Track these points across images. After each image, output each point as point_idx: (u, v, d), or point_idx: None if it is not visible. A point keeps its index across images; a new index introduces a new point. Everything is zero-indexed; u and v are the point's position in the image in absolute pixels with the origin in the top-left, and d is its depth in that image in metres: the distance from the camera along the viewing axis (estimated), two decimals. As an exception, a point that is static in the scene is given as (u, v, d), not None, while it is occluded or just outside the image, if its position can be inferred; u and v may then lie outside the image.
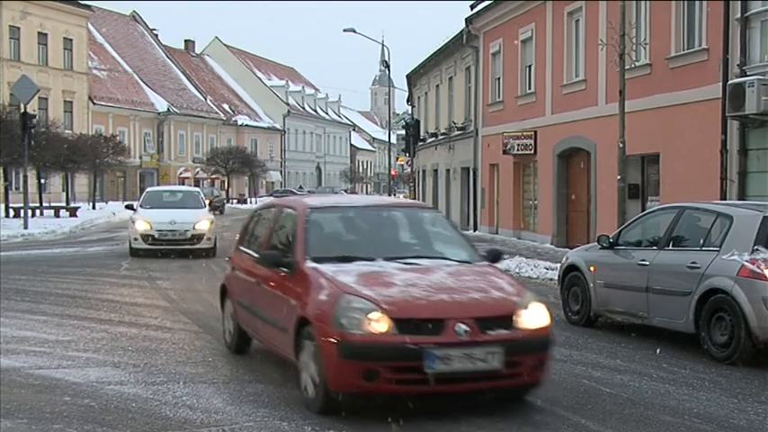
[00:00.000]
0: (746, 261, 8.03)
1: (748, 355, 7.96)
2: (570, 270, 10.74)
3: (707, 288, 8.34)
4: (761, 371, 7.79)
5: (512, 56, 25.57)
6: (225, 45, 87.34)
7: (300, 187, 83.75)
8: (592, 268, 10.28)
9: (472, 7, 28.96)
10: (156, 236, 18.45)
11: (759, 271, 7.89)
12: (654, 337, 9.21)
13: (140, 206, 19.65)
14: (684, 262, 8.77)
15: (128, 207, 21.40)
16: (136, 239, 18.64)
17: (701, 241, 8.95)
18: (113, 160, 45.38)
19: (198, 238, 18.71)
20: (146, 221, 18.61)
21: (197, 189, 24.67)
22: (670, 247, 9.27)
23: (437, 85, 36.04)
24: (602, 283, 10.03)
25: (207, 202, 21.19)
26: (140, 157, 61.41)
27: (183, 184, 66.86)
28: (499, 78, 26.95)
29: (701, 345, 8.42)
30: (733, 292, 8.02)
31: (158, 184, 56.93)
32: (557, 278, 11.70)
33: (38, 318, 9.96)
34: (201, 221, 18.95)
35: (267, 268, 7.05)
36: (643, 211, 18.51)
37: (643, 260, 9.39)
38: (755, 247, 8.09)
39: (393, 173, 65.53)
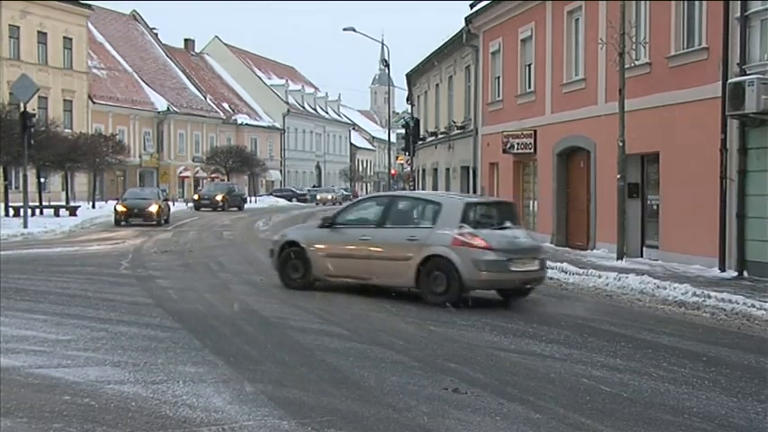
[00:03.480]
0: (457, 234, 11.38)
1: (458, 298, 11.24)
2: (289, 246, 13.05)
3: (428, 254, 11.48)
4: (759, 371, 7.80)
5: (511, 55, 25.56)
6: (225, 44, 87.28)
7: (332, 187, 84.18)
8: (315, 243, 12.72)
9: (472, 6, 28.96)
10: None
11: (466, 240, 11.32)
12: (652, 337, 9.21)
13: None
14: (404, 236, 11.91)
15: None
16: None
17: (417, 221, 12.23)
18: (113, 159, 45.34)
19: None
20: None
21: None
22: (388, 226, 12.24)
23: (437, 85, 36.04)
24: (324, 255, 12.62)
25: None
26: (140, 157, 61.42)
27: (183, 183, 66.92)
28: (499, 77, 26.94)
29: (421, 296, 11.57)
30: (449, 255, 11.30)
31: (158, 184, 56.80)
32: (270, 252, 13.65)
33: (37, 317, 9.94)
34: None
35: None
36: (643, 210, 18.60)
37: (364, 236, 12.28)
38: (461, 225, 11.50)
39: (393, 172, 65.51)
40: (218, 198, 48.10)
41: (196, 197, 50.14)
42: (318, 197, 71.15)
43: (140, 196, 34.80)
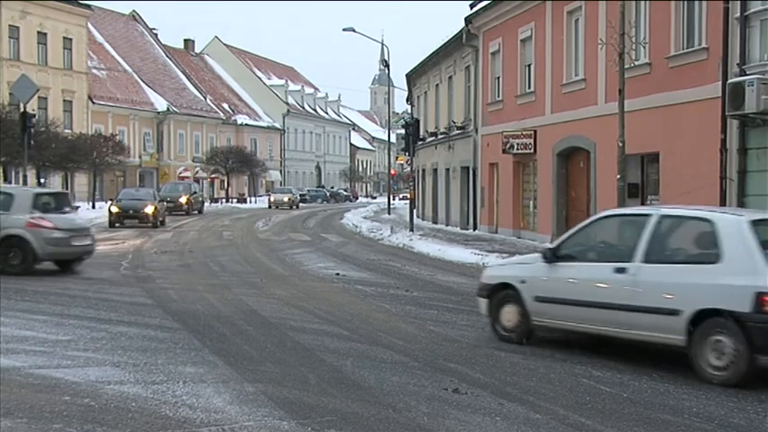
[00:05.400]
0: (30, 218, 14.33)
1: (31, 268, 14.26)
2: None
3: (5, 234, 14.15)
4: (761, 370, 7.79)
5: (511, 55, 25.56)
6: (224, 44, 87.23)
7: (332, 187, 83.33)
8: None
9: (472, 6, 28.95)
10: None
11: (38, 223, 14.31)
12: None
13: None
14: None
15: None
16: None
17: None
18: (113, 159, 45.27)
19: None
20: None
21: None
22: None
23: (437, 85, 36.04)
24: None
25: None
26: (140, 157, 61.36)
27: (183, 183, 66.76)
28: (499, 78, 26.94)
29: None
30: (25, 235, 14.20)
31: (158, 184, 56.72)
32: None
33: (38, 317, 9.96)
34: None
35: None
36: (643, 210, 18.54)
37: None
38: (32, 210, 14.47)
39: (393, 172, 65.43)
40: (183, 200, 42.18)
41: None
42: (272, 199, 57.67)
43: (135, 197, 32.99)
